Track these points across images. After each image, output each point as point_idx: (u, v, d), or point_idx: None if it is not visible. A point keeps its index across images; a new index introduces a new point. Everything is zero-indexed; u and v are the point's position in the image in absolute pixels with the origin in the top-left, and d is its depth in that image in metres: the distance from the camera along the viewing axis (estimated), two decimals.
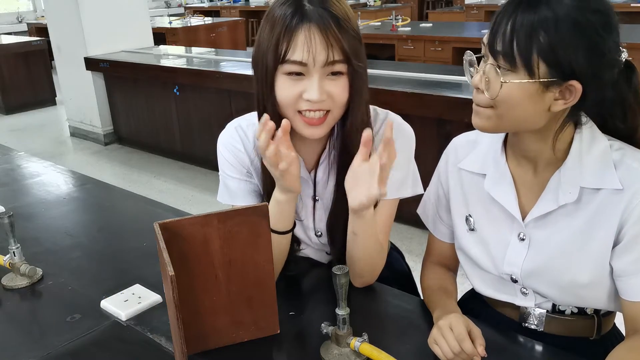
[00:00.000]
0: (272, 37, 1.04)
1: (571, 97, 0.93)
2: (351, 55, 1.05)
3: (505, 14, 0.93)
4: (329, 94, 1.06)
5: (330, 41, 1.03)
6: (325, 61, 1.03)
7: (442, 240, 1.26)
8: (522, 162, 1.07)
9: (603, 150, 1.00)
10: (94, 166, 4.86)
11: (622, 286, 0.99)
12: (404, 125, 1.23)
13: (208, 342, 1.05)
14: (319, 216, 1.26)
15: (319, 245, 1.31)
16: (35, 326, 1.18)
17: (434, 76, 3.39)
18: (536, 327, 1.12)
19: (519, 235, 1.08)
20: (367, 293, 1.22)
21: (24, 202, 1.81)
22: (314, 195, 1.25)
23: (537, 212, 1.05)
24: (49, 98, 7.15)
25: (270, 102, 1.09)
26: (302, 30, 1.02)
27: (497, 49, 0.93)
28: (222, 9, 11.16)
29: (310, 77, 1.05)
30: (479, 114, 1.00)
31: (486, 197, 1.12)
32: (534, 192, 1.06)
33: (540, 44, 0.89)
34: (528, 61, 0.90)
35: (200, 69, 4.31)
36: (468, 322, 0.99)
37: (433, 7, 10.49)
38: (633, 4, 6.65)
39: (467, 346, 0.94)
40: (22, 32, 9.83)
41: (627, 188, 0.96)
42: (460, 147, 1.19)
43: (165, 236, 0.93)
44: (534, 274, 1.07)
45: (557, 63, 0.90)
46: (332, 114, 1.09)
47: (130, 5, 5.24)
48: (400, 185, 1.21)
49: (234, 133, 1.24)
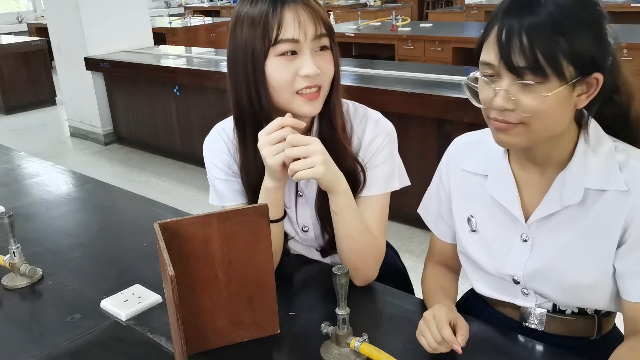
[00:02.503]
0: (256, 28, 1.09)
1: (592, 90, 0.94)
2: (331, 28, 1.13)
3: (503, 25, 0.90)
4: (320, 68, 1.11)
5: (315, 16, 1.09)
6: (314, 34, 1.09)
7: (443, 240, 1.26)
8: (527, 164, 1.06)
9: (608, 151, 1.00)
10: (94, 166, 4.86)
11: (624, 287, 0.99)
12: (383, 121, 1.26)
13: (208, 342, 1.05)
14: (302, 212, 1.28)
15: (307, 241, 1.32)
16: (35, 326, 1.18)
17: (434, 76, 3.39)
18: (536, 326, 1.12)
19: (521, 236, 1.08)
20: (366, 293, 1.22)
21: (24, 202, 1.81)
22: (296, 191, 1.27)
23: (540, 213, 1.04)
24: (49, 98, 7.15)
25: (263, 93, 1.12)
26: (289, 10, 1.08)
27: (519, 66, 0.89)
28: (222, 9, 11.16)
29: (303, 54, 1.10)
30: (508, 132, 0.95)
31: (488, 198, 1.12)
32: (538, 193, 1.05)
33: (563, 47, 0.88)
34: (559, 67, 0.88)
35: (200, 69, 4.31)
36: (455, 315, 1.01)
37: (433, 7, 10.48)
38: (633, 4, 6.64)
39: (446, 333, 0.95)
40: (22, 32, 9.83)
41: (633, 190, 0.96)
42: (462, 148, 1.19)
43: (165, 236, 0.93)
44: (536, 276, 1.07)
45: (582, 60, 0.90)
46: (323, 89, 1.14)
47: (130, 5, 5.24)
48: (387, 179, 1.24)
49: (217, 136, 1.30)
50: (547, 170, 1.04)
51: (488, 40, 0.94)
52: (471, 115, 2.55)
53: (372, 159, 1.23)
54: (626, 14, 6.56)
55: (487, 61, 0.94)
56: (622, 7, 6.63)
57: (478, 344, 1.02)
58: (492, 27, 0.93)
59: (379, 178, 1.23)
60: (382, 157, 1.23)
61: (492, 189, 1.11)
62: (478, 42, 0.99)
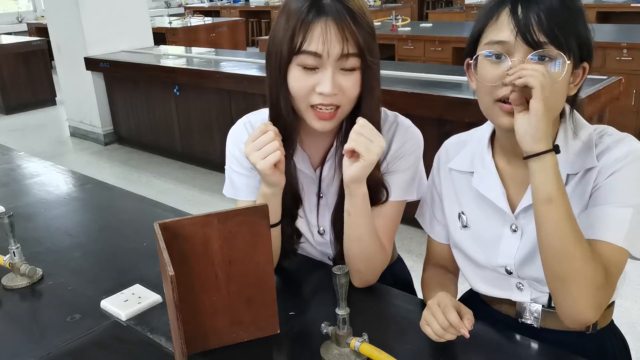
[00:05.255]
0: (288, 29, 1.06)
1: (579, 79, 1.00)
2: (365, 50, 1.07)
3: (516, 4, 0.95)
4: (340, 88, 1.08)
5: (345, 34, 1.04)
6: (339, 54, 1.05)
7: (440, 241, 1.27)
8: (512, 158, 1.09)
9: (587, 136, 1.04)
10: (94, 166, 4.86)
11: (581, 222, 0.97)
12: (413, 129, 1.24)
13: (208, 342, 1.05)
14: (322, 213, 1.27)
15: (321, 245, 1.31)
16: (35, 326, 1.18)
17: (434, 76, 3.39)
18: (532, 322, 1.13)
19: (511, 227, 1.10)
20: (367, 293, 1.22)
21: (24, 202, 1.81)
22: (318, 192, 1.26)
23: (525, 202, 1.07)
24: (49, 98, 7.16)
25: (283, 94, 1.11)
26: (319, 23, 1.04)
27: (539, 40, 0.93)
28: (222, 9, 11.16)
29: (324, 70, 1.06)
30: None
31: (476, 193, 1.14)
32: (523, 185, 1.08)
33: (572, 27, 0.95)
34: (570, 44, 0.94)
35: (200, 69, 4.31)
36: (458, 302, 1.01)
37: (433, 7, 10.48)
38: (633, 4, 6.63)
39: (452, 317, 0.96)
40: (22, 32, 9.83)
41: (601, 161, 1.00)
42: (450, 148, 1.22)
43: (165, 236, 0.93)
44: (526, 263, 1.09)
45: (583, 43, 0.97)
46: (342, 109, 1.11)
47: (130, 5, 5.24)
48: (407, 187, 1.22)
49: (242, 129, 1.27)
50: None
51: (497, 21, 0.98)
52: (471, 115, 2.55)
53: (395, 164, 1.21)
54: (626, 14, 6.56)
55: (499, 39, 0.97)
56: (622, 7, 6.63)
57: (476, 343, 1.02)
58: (500, 9, 0.97)
59: (398, 184, 1.20)
60: (406, 164, 1.21)
61: (478, 184, 1.13)
62: (478, 28, 1.01)
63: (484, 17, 1.00)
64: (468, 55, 1.05)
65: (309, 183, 1.25)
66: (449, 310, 0.97)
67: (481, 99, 1.03)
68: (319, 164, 1.25)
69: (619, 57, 4.15)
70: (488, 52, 0.99)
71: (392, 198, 1.20)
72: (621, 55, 4.14)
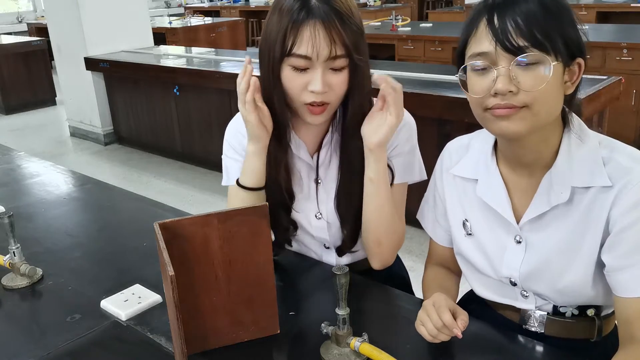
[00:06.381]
0: (280, 29, 1.10)
1: (575, 76, 0.98)
2: (352, 50, 1.11)
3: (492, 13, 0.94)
4: (330, 86, 1.13)
5: (333, 37, 1.09)
6: (327, 56, 1.10)
7: (442, 244, 1.26)
8: (515, 166, 1.07)
9: (592, 148, 1.01)
10: (94, 166, 4.86)
11: (612, 282, 0.98)
12: (406, 114, 1.28)
13: (208, 342, 1.05)
14: (322, 199, 1.30)
15: (318, 230, 1.31)
16: (35, 326, 1.18)
17: (434, 76, 3.39)
18: (537, 329, 1.12)
19: (515, 238, 1.08)
20: (367, 293, 1.22)
21: (24, 202, 1.81)
22: (316, 178, 1.29)
23: (530, 214, 1.05)
24: (49, 98, 7.15)
25: (277, 91, 1.15)
26: (308, 26, 1.08)
27: (519, 45, 0.91)
28: (222, 9, 11.16)
29: (314, 70, 1.11)
30: (512, 118, 0.95)
31: (480, 202, 1.12)
32: (527, 194, 1.06)
33: (554, 26, 0.93)
34: (555, 44, 0.92)
35: (200, 69, 4.31)
36: (454, 304, 1.01)
37: (433, 7, 10.48)
38: (633, 4, 6.64)
39: (446, 317, 0.96)
40: (22, 32, 9.83)
41: (615, 183, 0.96)
42: (453, 152, 1.20)
43: (165, 236, 0.93)
44: (532, 276, 1.07)
45: (571, 40, 0.95)
46: (330, 105, 1.16)
47: (130, 5, 5.24)
48: (407, 170, 1.28)
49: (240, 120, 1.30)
50: (535, 171, 1.05)
51: (476, 33, 0.97)
52: (471, 115, 2.54)
53: (395, 149, 1.26)
54: (626, 14, 6.56)
55: (480, 51, 0.96)
56: (622, 7, 6.63)
57: (478, 345, 1.02)
58: (478, 20, 0.96)
59: (398, 167, 1.26)
60: (404, 148, 1.27)
61: (482, 193, 1.12)
62: (462, 41, 1.01)
63: (466, 30, 1.00)
64: (457, 68, 1.04)
65: (307, 169, 1.29)
66: (443, 311, 0.97)
67: (473, 109, 1.02)
68: (315, 150, 1.28)
69: (619, 57, 4.15)
70: (473, 64, 0.98)
71: (395, 181, 1.26)
72: (621, 55, 4.14)
